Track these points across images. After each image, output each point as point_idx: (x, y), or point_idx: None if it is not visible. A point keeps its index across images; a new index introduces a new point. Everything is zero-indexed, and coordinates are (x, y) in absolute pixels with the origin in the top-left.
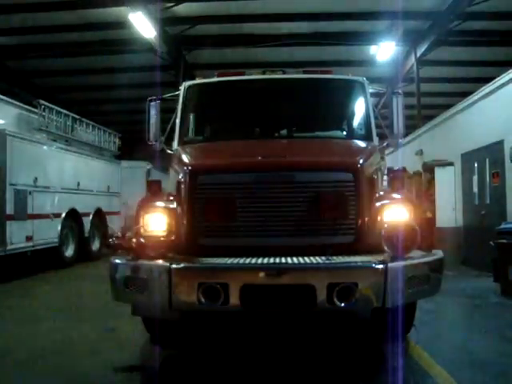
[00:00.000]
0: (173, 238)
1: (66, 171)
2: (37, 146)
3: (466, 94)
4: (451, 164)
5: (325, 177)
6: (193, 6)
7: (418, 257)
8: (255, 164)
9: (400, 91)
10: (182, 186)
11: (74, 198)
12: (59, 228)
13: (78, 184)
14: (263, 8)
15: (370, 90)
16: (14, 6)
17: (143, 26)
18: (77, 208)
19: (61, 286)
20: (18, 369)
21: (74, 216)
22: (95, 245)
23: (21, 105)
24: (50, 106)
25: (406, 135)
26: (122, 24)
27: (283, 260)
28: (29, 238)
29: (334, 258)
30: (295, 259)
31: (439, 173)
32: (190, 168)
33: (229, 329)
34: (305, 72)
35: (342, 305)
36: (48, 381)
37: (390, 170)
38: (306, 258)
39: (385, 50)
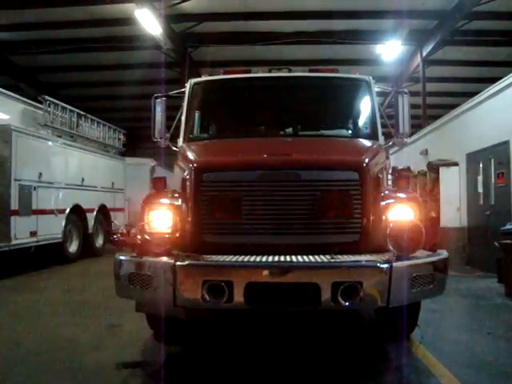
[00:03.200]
0: (177, 235)
1: (70, 167)
2: (42, 142)
3: (471, 94)
4: (456, 164)
5: (330, 175)
6: (199, 3)
7: (422, 257)
8: (260, 162)
9: (406, 90)
10: (187, 184)
11: (79, 194)
12: (63, 224)
13: (83, 180)
14: (269, 6)
15: (376, 89)
16: (20, 2)
17: (149, 22)
18: (81, 204)
19: (64, 281)
20: (22, 364)
21: (78, 212)
22: (99, 241)
23: (26, 100)
24: (56, 101)
25: (411, 135)
26: (127, 20)
27: (288, 258)
28: (33, 234)
29: (339, 256)
30: (300, 258)
31: (444, 172)
32: (195, 165)
33: (233, 326)
34: (310, 70)
35: (347, 304)
36: (51, 376)
37: (395, 170)
38: (310, 257)
39: (391, 49)
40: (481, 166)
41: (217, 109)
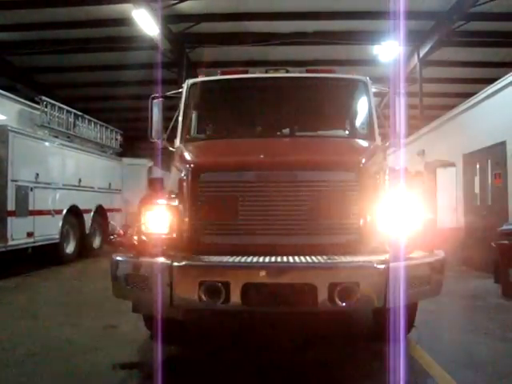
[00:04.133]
0: (174, 235)
1: (67, 168)
2: (38, 143)
3: (468, 95)
4: (453, 164)
5: (327, 176)
6: (196, 3)
7: (419, 257)
8: (257, 162)
9: (402, 91)
10: (184, 184)
11: (76, 195)
12: (60, 224)
13: (80, 181)
14: (266, 6)
15: (373, 90)
16: (17, 2)
17: (146, 23)
18: (78, 205)
19: (61, 282)
20: (18, 366)
21: (75, 213)
22: (96, 242)
23: (23, 101)
24: (53, 102)
25: (408, 135)
26: (125, 21)
27: (285, 259)
28: (30, 234)
29: (336, 257)
30: (297, 258)
31: (441, 173)
32: (192, 166)
33: (229, 327)
34: (308, 71)
35: (344, 304)
36: (47, 378)
37: (392, 170)
38: (307, 258)
39: (388, 50)
40: (477, 166)
41: (214, 109)
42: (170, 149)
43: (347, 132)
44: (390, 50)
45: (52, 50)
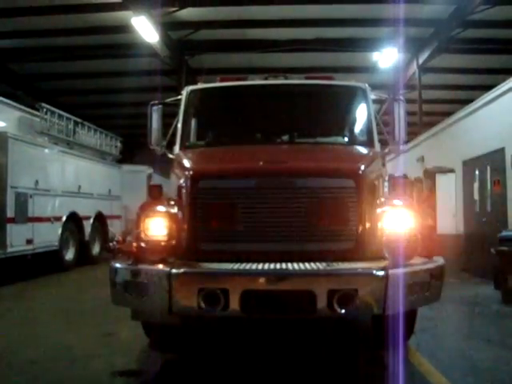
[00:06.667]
0: (173, 242)
1: (67, 174)
2: (38, 149)
3: (467, 102)
4: (452, 171)
5: (326, 183)
6: (196, 11)
7: (418, 264)
8: (256, 169)
9: (402, 98)
10: (183, 191)
11: (75, 202)
12: (60, 231)
13: (79, 187)
14: (266, 14)
15: (372, 97)
16: (18, 10)
17: (146, 30)
18: (77, 211)
19: (60, 289)
20: (16, 373)
21: (74, 219)
22: (95, 248)
23: (23, 108)
24: (52, 109)
25: (407, 142)
26: (124, 28)
27: (283, 266)
28: (29, 241)
29: (335, 264)
30: (296, 265)
31: (440, 180)
32: (191, 173)
33: (229, 334)
34: (307, 78)
35: (343, 311)
36: None
37: (391, 177)
38: (306, 264)
39: (387, 57)
40: (477, 172)
41: (213, 116)
42: (170, 156)
43: (346, 139)
44: (389, 57)
45: (52, 57)
